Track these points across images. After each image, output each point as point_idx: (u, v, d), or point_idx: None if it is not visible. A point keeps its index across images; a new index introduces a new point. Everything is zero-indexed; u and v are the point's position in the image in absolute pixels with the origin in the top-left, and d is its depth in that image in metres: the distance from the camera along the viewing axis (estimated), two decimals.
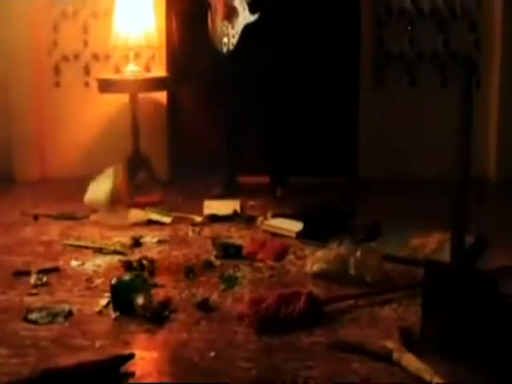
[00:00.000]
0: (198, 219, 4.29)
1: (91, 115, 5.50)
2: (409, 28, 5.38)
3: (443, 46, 5.36)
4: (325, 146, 5.53)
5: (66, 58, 5.52)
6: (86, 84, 5.52)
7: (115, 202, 4.31)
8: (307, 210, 4.21)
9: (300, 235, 3.95)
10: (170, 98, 5.49)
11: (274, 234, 4.03)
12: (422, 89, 5.40)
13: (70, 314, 2.95)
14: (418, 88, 5.41)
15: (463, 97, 2.72)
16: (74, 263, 3.58)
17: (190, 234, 4.09)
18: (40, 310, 2.96)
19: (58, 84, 5.57)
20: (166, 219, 4.29)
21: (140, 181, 5.07)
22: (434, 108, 5.31)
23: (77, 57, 5.51)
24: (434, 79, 5.38)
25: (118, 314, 2.92)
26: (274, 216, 4.25)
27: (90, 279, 3.36)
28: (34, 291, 3.22)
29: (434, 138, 5.27)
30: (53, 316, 2.91)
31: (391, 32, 5.38)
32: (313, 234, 3.91)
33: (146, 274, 3.31)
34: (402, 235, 3.85)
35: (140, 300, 2.86)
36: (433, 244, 3.69)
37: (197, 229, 4.15)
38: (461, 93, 2.73)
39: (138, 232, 4.08)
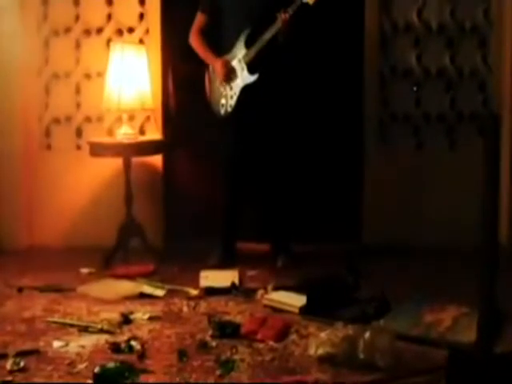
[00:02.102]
0: (194, 292, 4.03)
1: (83, 180, 5.29)
2: (414, 88, 5.21)
3: (450, 107, 5.18)
4: (327, 211, 5.31)
5: (57, 121, 5.36)
6: (78, 147, 5.34)
7: None
8: (310, 283, 3.95)
9: (303, 310, 3.67)
10: (166, 162, 5.29)
11: (276, 309, 3.76)
12: (430, 150, 5.21)
13: None
14: (425, 150, 5.23)
15: (488, 156, 2.42)
16: (56, 344, 3.27)
17: (185, 309, 3.80)
18: None
19: (48, 147, 5.39)
20: (159, 292, 4.02)
21: (133, 249, 4.84)
22: (442, 170, 5.14)
23: (68, 119, 5.35)
24: (441, 140, 5.20)
25: None
26: (275, 289, 3.99)
27: (72, 363, 3.04)
28: (9, 378, 2.90)
29: (443, 201, 5.11)
30: None
31: (396, 92, 5.21)
32: (317, 309, 3.64)
33: (134, 357, 3.02)
34: (413, 310, 3.57)
35: None
36: (448, 321, 3.41)
37: (192, 303, 3.87)
38: (486, 152, 2.44)
39: (128, 306, 3.82)
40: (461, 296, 3.68)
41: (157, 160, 5.21)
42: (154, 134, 5.22)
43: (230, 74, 4.57)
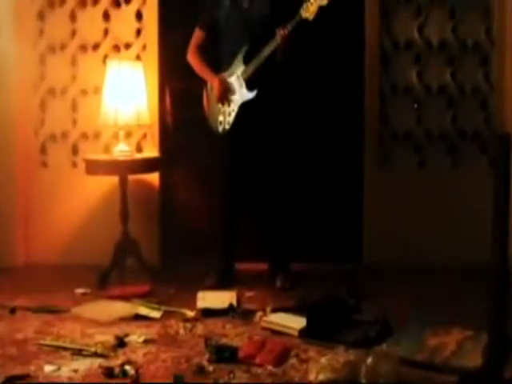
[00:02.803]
0: (191, 314, 3.93)
1: (79, 197, 5.23)
2: (415, 106, 5.15)
3: (452, 124, 5.12)
4: (328, 230, 5.22)
5: (53, 137, 5.30)
6: (74, 164, 5.29)
7: None
8: (310, 304, 3.86)
9: (303, 333, 3.57)
10: (163, 179, 5.21)
11: (274, 332, 3.65)
12: (431, 169, 5.15)
13: None
14: (426, 168, 5.16)
15: (498, 175, 2.32)
16: (48, 368, 3.17)
17: (181, 331, 3.69)
18: None
19: (44, 164, 5.33)
20: (155, 314, 3.92)
21: (128, 267, 4.75)
22: (444, 189, 5.08)
23: (65, 136, 5.29)
24: (443, 159, 5.14)
25: None
26: (274, 311, 3.89)
27: None
28: None
29: (445, 221, 5.04)
30: None
31: (397, 110, 5.14)
32: (317, 332, 3.53)
33: (128, 383, 2.92)
34: (416, 333, 3.48)
35: None
36: (452, 345, 3.32)
37: (189, 325, 3.76)
38: (495, 171, 2.34)
39: (123, 329, 3.71)
40: (464, 317, 3.67)
41: (153, 177, 5.14)
42: (151, 151, 5.15)
43: (227, 92, 4.50)
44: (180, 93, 5.24)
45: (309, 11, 4.21)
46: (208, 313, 3.93)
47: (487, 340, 2.79)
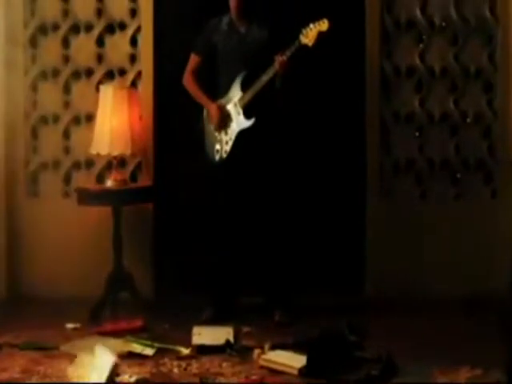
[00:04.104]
0: (185, 351, 3.82)
1: (70, 228, 5.10)
2: (416, 134, 5.06)
3: (455, 153, 5.05)
4: (329, 262, 5.10)
5: (44, 166, 5.19)
6: (66, 194, 5.18)
7: None
8: (311, 341, 3.75)
9: (303, 372, 3.47)
10: (157, 210, 5.11)
11: (273, 371, 3.54)
12: (434, 200, 5.07)
13: None
14: (428, 199, 5.08)
15: None
16: None
17: (175, 370, 3.59)
18: None
19: (35, 194, 5.22)
20: (148, 351, 3.80)
21: (121, 301, 4.64)
22: (447, 221, 5.01)
23: (56, 165, 5.19)
24: (446, 189, 5.06)
25: None
26: (273, 348, 3.77)
27: None
28: None
29: (448, 253, 4.97)
30: None
31: (399, 138, 5.06)
32: (318, 371, 3.44)
33: None
34: (422, 372, 3.40)
35: None
36: None
37: (183, 364, 3.65)
38: None
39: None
40: (469, 351, 3.64)
41: (148, 208, 5.05)
42: (146, 180, 5.07)
43: (224, 119, 4.43)
44: (176, 120, 5.13)
45: (308, 37, 4.19)
46: (204, 350, 3.83)
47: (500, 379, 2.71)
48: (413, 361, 3.52)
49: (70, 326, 4.37)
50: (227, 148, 4.42)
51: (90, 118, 4.97)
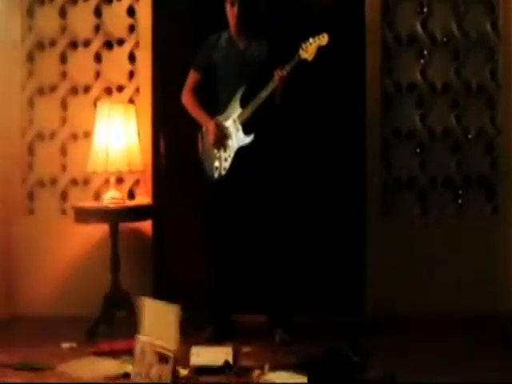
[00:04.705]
0: (183, 372, 3.71)
1: (67, 246, 5.07)
2: (418, 150, 5.02)
3: (457, 169, 5.00)
4: (330, 281, 5.06)
5: (41, 183, 5.17)
6: (63, 212, 5.14)
7: None
8: (312, 361, 3.65)
9: None
10: (156, 227, 5.06)
11: None
12: (435, 217, 5.01)
13: None
14: (430, 216, 5.03)
15: None
16: None
17: None
18: None
19: (32, 212, 5.19)
20: None
21: (118, 320, 4.57)
22: (448, 238, 4.96)
23: (53, 182, 5.16)
24: (447, 206, 5.01)
25: None
26: (273, 368, 3.70)
27: None
28: None
29: (449, 271, 4.91)
30: None
31: (400, 155, 5.01)
32: None
33: None
34: None
35: None
36: None
37: None
38: None
39: None
40: (474, 371, 3.60)
41: (146, 225, 5.00)
42: (144, 197, 5.02)
43: (223, 136, 4.38)
44: (174, 137, 5.14)
45: (308, 52, 4.14)
46: (202, 371, 3.74)
47: None
48: (415, 381, 3.48)
49: (66, 345, 4.29)
50: (226, 165, 4.36)
51: (87, 134, 4.92)
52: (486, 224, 4.93)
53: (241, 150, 4.32)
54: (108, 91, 5.08)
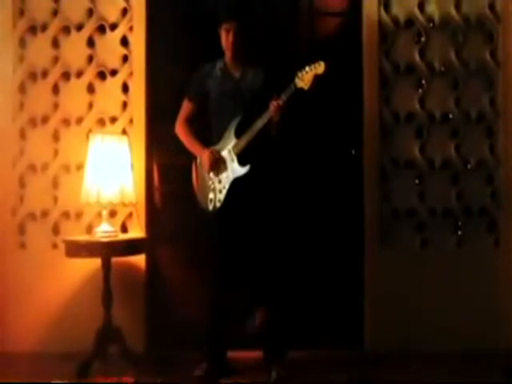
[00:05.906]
0: None
1: (59, 281, 4.95)
2: (417, 181, 4.97)
3: (457, 200, 4.94)
4: (327, 314, 4.96)
5: (32, 216, 5.06)
6: (55, 245, 5.02)
7: None
8: None
9: None
10: (149, 262, 4.97)
11: None
12: (435, 249, 4.94)
13: None
14: (430, 248, 4.95)
15: None
16: None
17: None
18: None
19: (22, 245, 5.07)
20: None
21: (111, 356, 4.50)
22: (448, 270, 4.89)
23: (45, 215, 5.05)
24: (447, 237, 4.94)
25: None
26: None
27: None
28: None
29: (450, 304, 4.85)
30: None
31: (398, 186, 4.95)
32: None
33: None
34: None
35: None
36: None
37: None
38: None
39: None
40: None
41: (139, 259, 4.90)
42: (137, 231, 4.93)
43: (217, 166, 4.30)
44: (168, 168, 5.07)
45: (304, 80, 4.09)
46: None
47: None
48: None
49: (57, 382, 4.21)
50: (221, 197, 4.28)
51: (80, 166, 4.85)
52: (486, 256, 4.86)
53: (236, 182, 4.24)
54: (101, 122, 5.00)
